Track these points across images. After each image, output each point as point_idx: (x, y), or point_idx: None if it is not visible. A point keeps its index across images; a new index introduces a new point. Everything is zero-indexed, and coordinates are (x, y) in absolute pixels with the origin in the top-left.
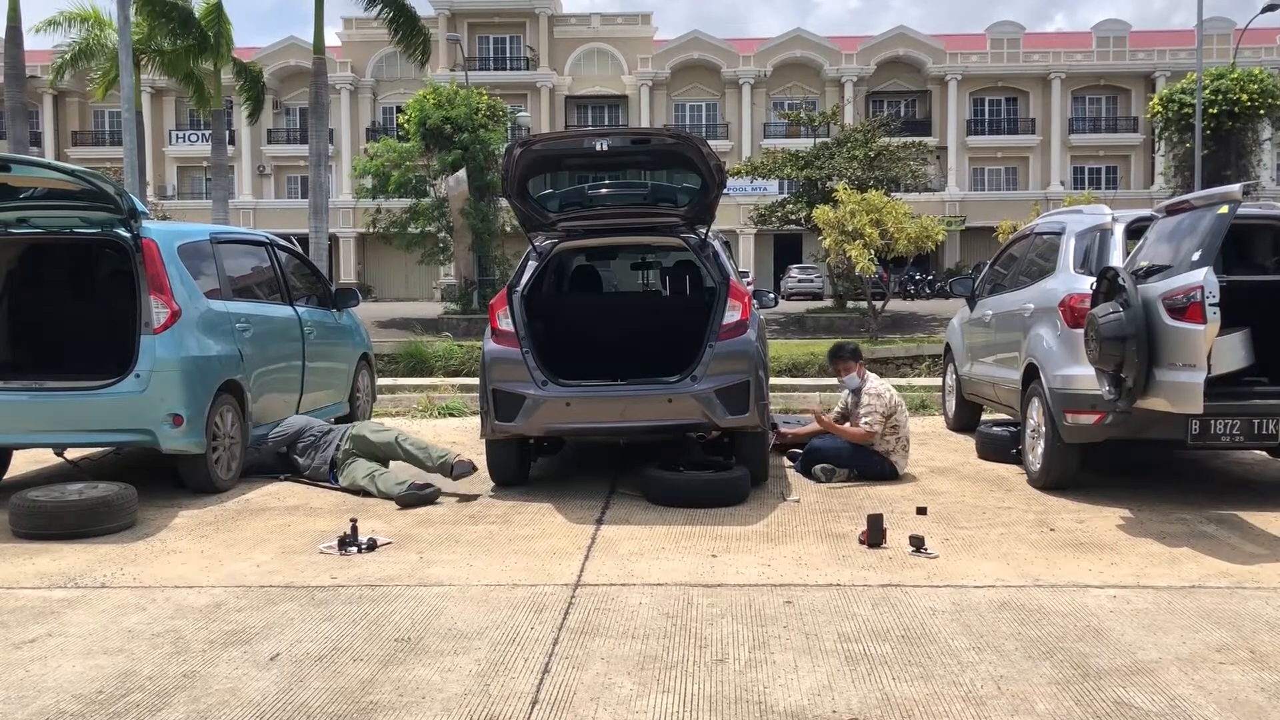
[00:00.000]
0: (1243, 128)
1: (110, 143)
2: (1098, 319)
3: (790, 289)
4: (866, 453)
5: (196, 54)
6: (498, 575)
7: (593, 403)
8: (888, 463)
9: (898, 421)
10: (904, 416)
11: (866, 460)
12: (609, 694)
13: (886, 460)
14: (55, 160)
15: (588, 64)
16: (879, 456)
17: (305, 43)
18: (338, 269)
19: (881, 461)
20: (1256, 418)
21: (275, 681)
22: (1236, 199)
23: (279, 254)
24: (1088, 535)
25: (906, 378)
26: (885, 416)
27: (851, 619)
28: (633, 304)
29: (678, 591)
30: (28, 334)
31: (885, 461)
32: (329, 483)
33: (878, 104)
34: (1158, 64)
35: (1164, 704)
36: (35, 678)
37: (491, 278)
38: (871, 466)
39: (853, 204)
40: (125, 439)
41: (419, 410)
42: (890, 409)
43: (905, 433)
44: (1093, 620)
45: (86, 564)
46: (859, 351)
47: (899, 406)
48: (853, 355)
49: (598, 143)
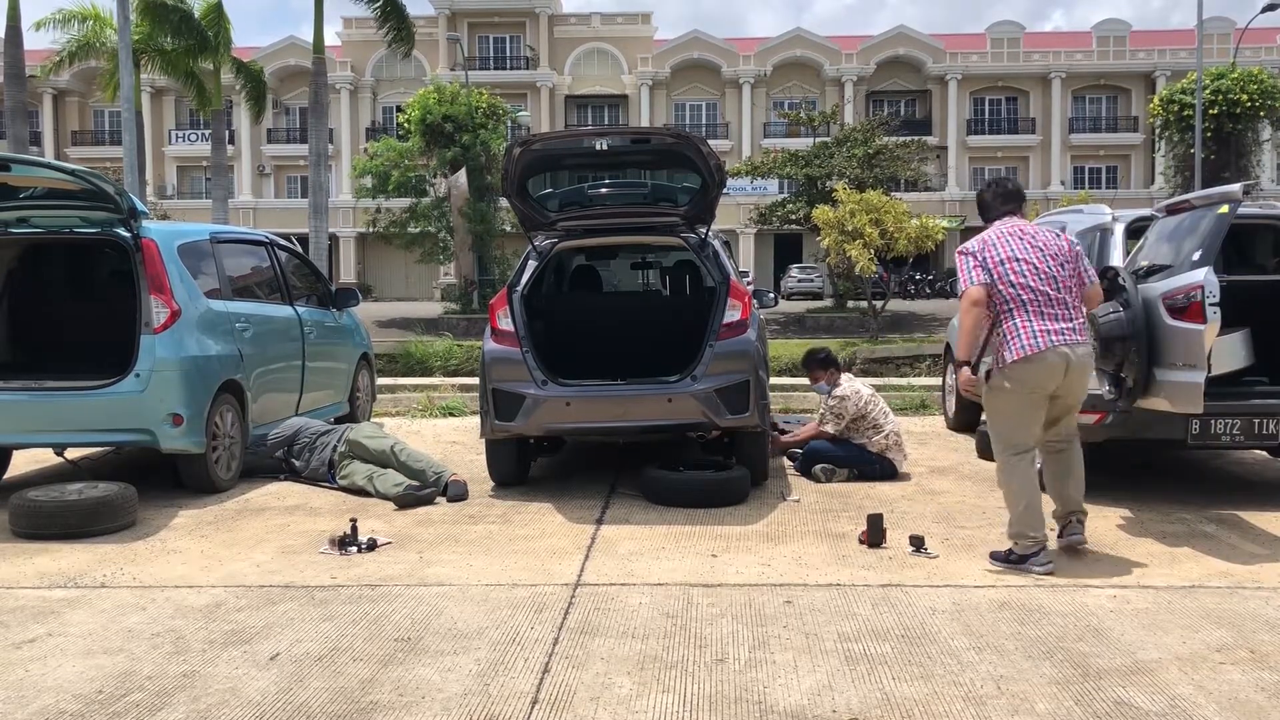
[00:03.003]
0: (1243, 128)
1: (110, 142)
2: (1098, 319)
3: (790, 289)
4: (864, 453)
5: (196, 54)
6: (498, 575)
7: (593, 402)
8: (886, 462)
9: (877, 421)
10: (883, 415)
11: (865, 461)
12: (609, 694)
13: (884, 459)
14: (55, 160)
15: (588, 64)
16: (876, 456)
17: (305, 42)
18: (338, 269)
19: (879, 461)
20: (1256, 418)
21: (275, 681)
22: (1236, 199)
23: (279, 254)
24: (1088, 535)
25: (906, 378)
26: (844, 418)
27: (851, 619)
28: (633, 304)
29: (678, 591)
30: (28, 334)
31: (883, 461)
32: (328, 483)
33: (878, 103)
34: (1158, 64)
35: (1164, 704)
36: (35, 678)
37: (491, 277)
38: (870, 467)
39: (852, 204)
40: (125, 439)
41: (419, 410)
42: (859, 410)
43: (892, 429)
44: (1093, 620)
45: (86, 564)
46: (829, 360)
47: (870, 404)
48: (820, 364)
49: (598, 142)
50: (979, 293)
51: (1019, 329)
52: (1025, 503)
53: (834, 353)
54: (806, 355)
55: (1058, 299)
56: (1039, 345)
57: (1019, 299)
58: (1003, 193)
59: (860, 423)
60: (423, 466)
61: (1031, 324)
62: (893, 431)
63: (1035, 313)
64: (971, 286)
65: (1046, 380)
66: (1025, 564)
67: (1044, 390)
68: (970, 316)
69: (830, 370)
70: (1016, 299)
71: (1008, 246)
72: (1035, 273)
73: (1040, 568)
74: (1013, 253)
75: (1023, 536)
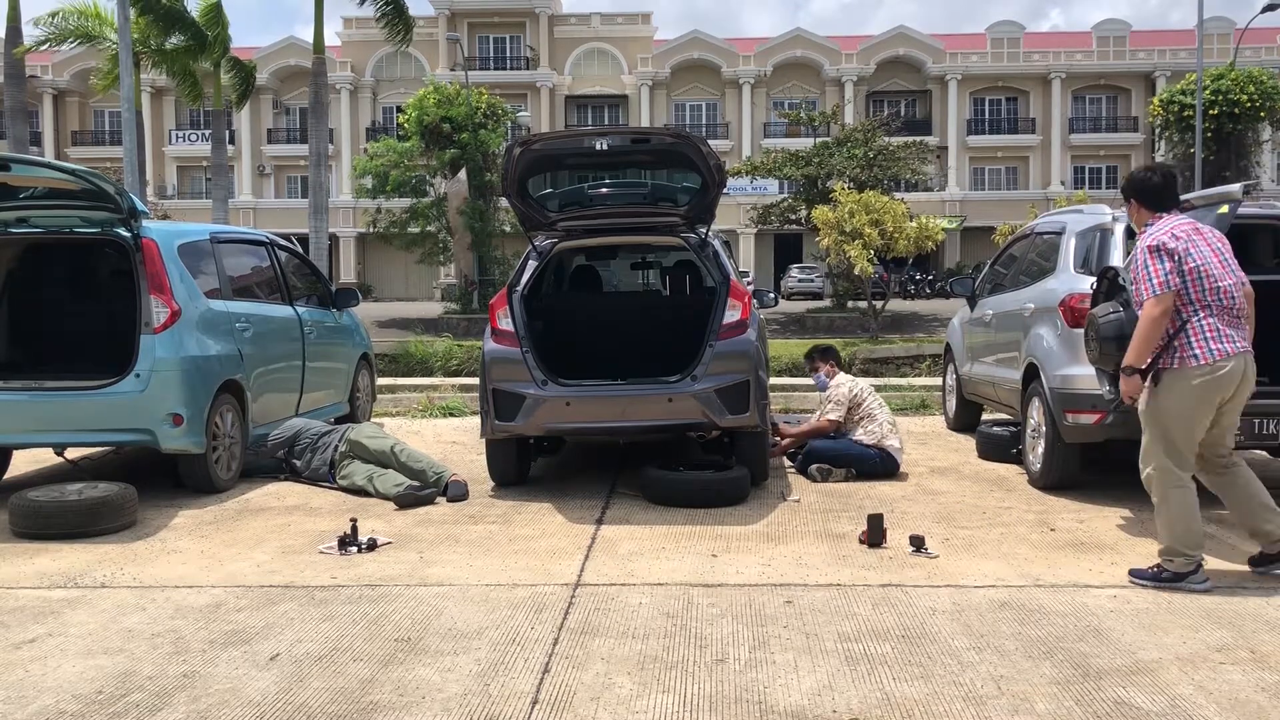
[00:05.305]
0: (1243, 129)
1: (110, 142)
2: (1098, 319)
3: (790, 289)
4: (863, 448)
5: (196, 54)
6: (498, 575)
7: (593, 402)
8: (884, 454)
9: (871, 411)
10: (877, 405)
11: (864, 456)
12: (609, 694)
13: (882, 451)
14: (55, 160)
15: (588, 64)
16: (875, 449)
17: (305, 42)
18: (338, 269)
19: (878, 454)
20: (1256, 418)
21: (275, 681)
22: (1236, 199)
23: (279, 254)
24: (1088, 535)
25: (906, 378)
26: (843, 404)
27: (851, 619)
28: (633, 303)
29: (678, 591)
30: (28, 334)
31: (882, 453)
32: (328, 483)
33: (878, 103)
34: (1158, 64)
35: (1164, 704)
36: (35, 678)
37: (491, 278)
38: (868, 462)
39: (851, 204)
40: (125, 439)
41: (419, 410)
42: (854, 398)
43: (885, 418)
44: (1093, 620)
45: (86, 564)
46: (829, 353)
47: (863, 392)
48: (821, 355)
49: (598, 142)
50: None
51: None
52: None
53: (836, 350)
54: (810, 349)
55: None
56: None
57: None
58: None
59: (856, 411)
60: (423, 467)
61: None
62: (886, 420)
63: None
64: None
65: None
66: (1181, 583)
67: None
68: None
69: (830, 363)
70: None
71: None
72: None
73: (1199, 586)
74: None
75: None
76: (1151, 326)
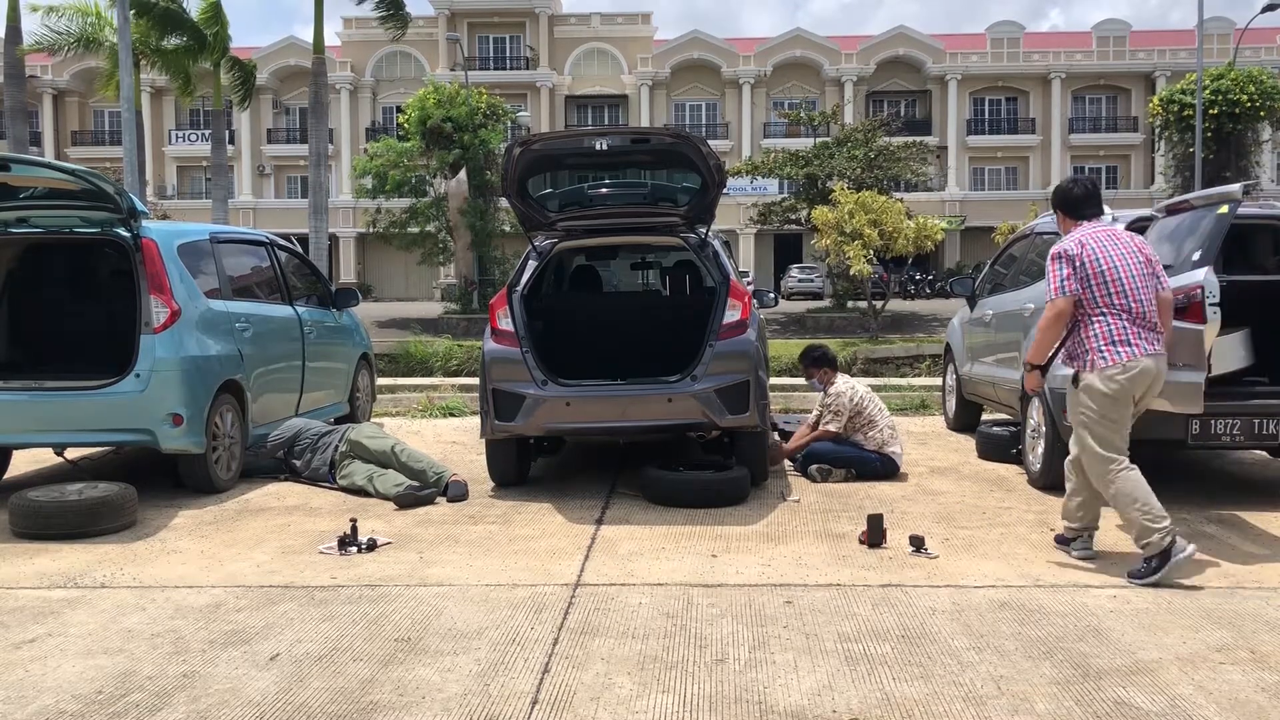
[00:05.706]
0: (1243, 128)
1: (110, 142)
2: None
3: (790, 289)
4: (864, 452)
5: (195, 54)
6: (498, 575)
7: (593, 402)
8: (884, 457)
9: (872, 417)
10: (878, 411)
11: (865, 459)
12: (609, 694)
13: (884, 456)
14: (55, 160)
15: (588, 64)
16: (875, 454)
17: (305, 42)
18: (338, 269)
19: (879, 459)
20: (1256, 418)
21: (275, 681)
22: (1236, 199)
23: (279, 254)
24: None
25: (906, 378)
26: (843, 414)
27: (851, 619)
28: (633, 303)
29: (678, 591)
30: (28, 334)
31: (884, 457)
32: (328, 483)
33: (878, 104)
34: (1158, 64)
35: (1164, 704)
36: (35, 678)
37: (491, 278)
38: (869, 465)
39: (850, 204)
40: (125, 439)
41: (419, 410)
42: (855, 406)
43: (886, 423)
44: (1093, 620)
45: (86, 564)
46: (824, 358)
47: (864, 400)
48: (814, 361)
49: (597, 142)
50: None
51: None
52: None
53: (832, 352)
54: (804, 352)
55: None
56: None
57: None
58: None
59: (857, 419)
60: (423, 467)
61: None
62: (887, 426)
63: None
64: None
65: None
66: (1168, 565)
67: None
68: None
69: (824, 369)
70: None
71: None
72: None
73: (1183, 554)
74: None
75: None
76: (1048, 326)
